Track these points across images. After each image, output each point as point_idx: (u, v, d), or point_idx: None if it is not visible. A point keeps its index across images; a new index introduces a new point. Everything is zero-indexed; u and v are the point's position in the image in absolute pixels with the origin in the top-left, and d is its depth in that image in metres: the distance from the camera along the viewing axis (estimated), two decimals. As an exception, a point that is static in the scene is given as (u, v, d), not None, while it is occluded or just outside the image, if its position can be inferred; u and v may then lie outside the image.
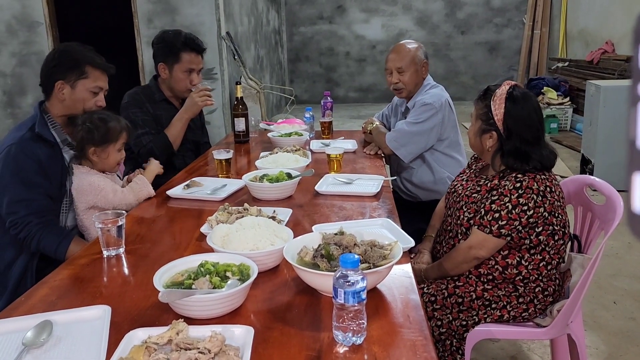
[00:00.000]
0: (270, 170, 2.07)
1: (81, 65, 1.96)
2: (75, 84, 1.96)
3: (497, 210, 1.64)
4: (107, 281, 1.36)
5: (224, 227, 1.41)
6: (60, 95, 1.96)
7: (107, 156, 1.93)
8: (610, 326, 2.51)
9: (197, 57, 2.66)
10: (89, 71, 1.98)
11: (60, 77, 1.95)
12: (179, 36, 2.62)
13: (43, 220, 1.83)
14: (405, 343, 1.02)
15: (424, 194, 2.62)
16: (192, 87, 2.64)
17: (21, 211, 1.81)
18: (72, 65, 1.95)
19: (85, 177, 1.89)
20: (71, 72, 1.95)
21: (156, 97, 2.66)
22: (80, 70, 1.96)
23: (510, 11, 9.49)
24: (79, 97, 1.97)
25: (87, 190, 1.87)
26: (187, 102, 2.61)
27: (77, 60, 1.96)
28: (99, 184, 1.88)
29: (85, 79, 1.97)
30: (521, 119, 1.67)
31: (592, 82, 4.72)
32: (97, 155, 1.91)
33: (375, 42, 10.01)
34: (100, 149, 1.91)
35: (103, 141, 1.90)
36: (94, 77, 1.99)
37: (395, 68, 2.56)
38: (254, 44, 7.54)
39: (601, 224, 1.77)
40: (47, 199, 1.86)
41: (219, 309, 1.11)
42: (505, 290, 1.72)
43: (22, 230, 1.81)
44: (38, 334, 1.04)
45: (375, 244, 1.29)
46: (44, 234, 1.81)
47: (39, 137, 1.88)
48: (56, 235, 1.83)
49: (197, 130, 2.85)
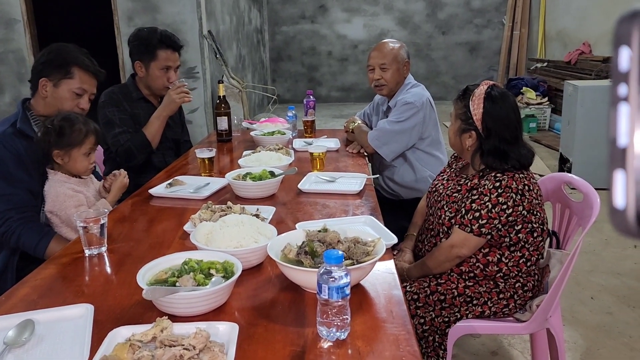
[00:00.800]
0: (253, 168, 2.07)
1: (68, 65, 1.97)
2: (58, 83, 1.96)
3: (477, 209, 1.67)
4: (89, 280, 1.35)
5: (207, 225, 1.41)
6: (43, 92, 1.96)
7: (70, 160, 1.85)
8: (587, 321, 2.56)
9: (174, 54, 2.63)
10: (75, 72, 1.98)
11: (45, 75, 1.95)
12: (155, 33, 2.60)
13: (23, 216, 1.81)
14: (388, 337, 1.04)
15: (405, 192, 2.64)
16: (170, 85, 2.61)
17: (1, 206, 1.79)
18: (59, 64, 1.96)
19: (54, 186, 1.84)
20: (57, 70, 1.95)
21: (134, 95, 2.63)
22: (66, 70, 1.96)
23: (490, 12, 9.60)
24: (60, 96, 1.97)
25: (53, 199, 1.83)
26: (165, 100, 2.58)
27: (64, 60, 1.96)
28: (65, 198, 1.82)
29: (69, 79, 1.97)
30: (499, 118, 1.70)
31: (569, 83, 4.81)
32: (60, 158, 1.85)
33: (357, 41, 10.04)
34: (63, 151, 1.84)
35: (65, 144, 1.83)
36: (80, 79, 1.99)
37: (378, 65, 2.58)
38: (236, 43, 7.51)
39: (579, 220, 1.81)
40: (28, 194, 1.84)
41: (203, 306, 1.11)
42: (486, 287, 1.75)
43: (1, 225, 1.78)
44: (20, 333, 1.03)
45: (358, 240, 1.30)
46: (24, 230, 1.79)
47: (21, 133, 1.88)
48: (36, 232, 1.80)
49: (176, 129, 2.83)
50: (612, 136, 0.30)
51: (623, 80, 0.29)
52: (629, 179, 0.29)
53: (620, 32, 0.29)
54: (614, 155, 0.29)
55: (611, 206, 0.30)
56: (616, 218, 0.30)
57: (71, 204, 1.83)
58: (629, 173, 0.29)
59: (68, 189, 1.85)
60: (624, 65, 0.29)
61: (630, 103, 0.29)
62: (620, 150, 0.29)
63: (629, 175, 0.29)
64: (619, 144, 0.29)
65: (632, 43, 0.28)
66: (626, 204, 0.29)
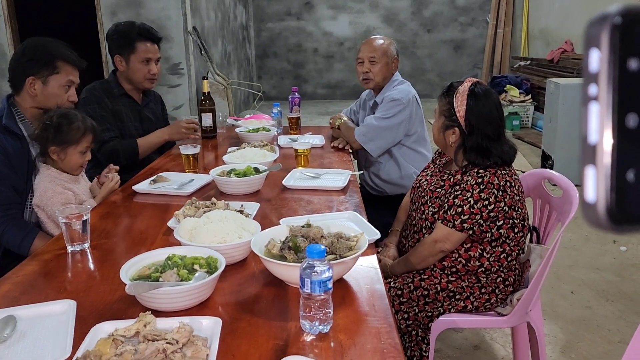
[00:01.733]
0: (238, 165, 2.07)
1: (53, 61, 1.93)
2: (47, 80, 1.93)
3: (459, 205, 1.69)
4: (72, 276, 1.34)
5: (191, 221, 1.41)
6: (31, 91, 1.92)
7: (66, 157, 1.86)
8: (567, 315, 2.60)
9: (153, 46, 2.63)
10: (61, 66, 1.95)
11: (31, 73, 1.91)
12: (133, 26, 2.60)
13: (8, 213, 1.80)
14: (370, 330, 1.05)
15: (390, 188, 2.66)
16: (151, 76, 2.61)
17: None
18: (45, 61, 1.92)
19: (44, 181, 1.84)
20: (44, 68, 1.92)
21: (115, 91, 2.61)
22: (53, 66, 1.93)
23: (475, 10, 9.67)
24: (51, 92, 1.94)
25: (41, 193, 1.83)
26: (173, 126, 2.64)
27: (49, 56, 1.93)
28: (52, 194, 1.82)
29: (57, 74, 1.94)
30: (482, 115, 1.72)
31: (552, 80, 4.87)
32: (56, 155, 1.86)
33: (343, 39, 10.05)
34: (59, 148, 1.85)
35: (62, 141, 1.85)
36: (66, 72, 1.97)
37: (368, 58, 2.60)
38: (221, 40, 7.47)
39: (558, 215, 1.84)
40: (12, 191, 1.82)
41: (187, 301, 1.12)
42: (468, 282, 1.77)
43: None
44: (1, 329, 1.02)
45: (341, 235, 1.31)
46: (8, 227, 1.78)
47: (6, 130, 1.86)
48: (20, 230, 1.79)
49: (160, 125, 2.81)
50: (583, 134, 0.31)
51: (593, 80, 0.31)
52: (599, 175, 0.30)
53: (591, 35, 0.31)
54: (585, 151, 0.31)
55: (583, 200, 0.32)
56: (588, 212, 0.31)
57: (58, 200, 1.81)
58: (598, 169, 0.30)
59: (58, 185, 1.84)
60: (593, 66, 0.31)
61: (600, 102, 0.30)
62: (590, 147, 0.30)
63: (599, 171, 0.30)
64: (589, 141, 0.31)
65: (601, 45, 0.30)
66: (596, 198, 0.30)
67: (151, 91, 2.84)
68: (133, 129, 2.62)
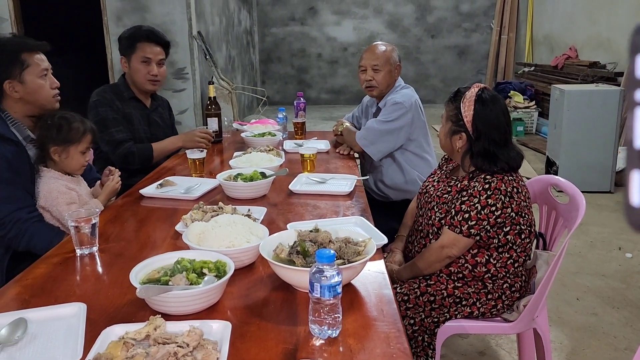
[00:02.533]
0: (244, 169, 2.08)
1: (18, 56, 1.86)
2: (22, 78, 1.87)
3: (466, 210, 1.69)
4: (81, 279, 1.35)
5: (199, 225, 1.42)
6: (14, 94, 1.87)
7: (67, 157, 1.88)
8: (573, 321, 2.60)
9: (155, 47, 2.64)
10: (27, 58, 1.88)
11: (5, 77, 1.86)
12: (139, 29, 2.63)
13: (32, 216, 1.79)
14: (379, 335, 1.05)
15: (395, 194, 2.66)
16: (152, 77, 2.62)
17: (5, 208, 1.75)
18: (10, 60, 1.85)
19: (47, 182, 1.86)
20: (13, 67, 1.86)
21: (125, 95, 2.64)
22: (20, 62, 1.86)
23: (479, 16, 9.69)
24: (34, 87, 1.88)
25: (45, 194, 1.84)
26: (188, 134, 2.70)
27: (12, 53, 1.86)
28: (57, 194, 1.83)
29: (28, 67, 1.87)
30: (489, 120, 1.73)
31: (556, 87, 4.87)
32: (58, 155, 1.87)
33: (346, 44, 10.08)
34: (60, 148, 1.87)
35: (64, 141, 1.87)
36: (35, 62, 1.89)
37: (370, 65, 2.61)
38: (226, 44, 7.51)
39: (565, 222, 1.84)
40: (26, 193, 1.82)
41: (196, 305, 1.12)
42: (474, 288, 1.77)
43: (11, 229, 1.75)
44: (12, 331, 1.03)
45: (349, 240, 1.32)
46: (35, 231, 1.77)
47: (1, 137, 1.82)
48: (47, 233, 1.79)
49: (167, 130, 2.83)
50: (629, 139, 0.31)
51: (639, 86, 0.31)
52: None
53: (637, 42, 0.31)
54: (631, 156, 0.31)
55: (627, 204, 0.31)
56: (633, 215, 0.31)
57: (63, 200, 1.83)
58: None
59: (61, 185, 1.86)
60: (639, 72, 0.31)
61: None
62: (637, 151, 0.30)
63: None
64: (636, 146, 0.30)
65: None
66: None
67: (159, 96, 2.87)
68: (142, 132, 2.64)
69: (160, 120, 2.77)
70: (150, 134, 2.68)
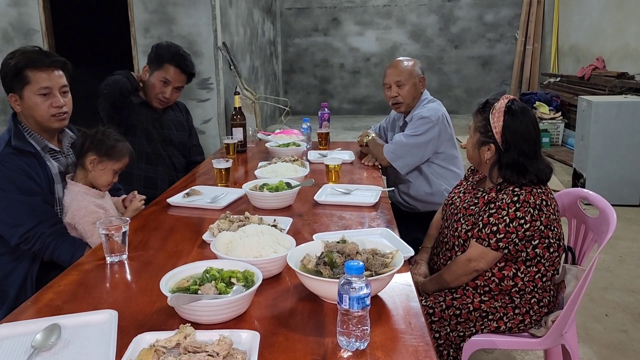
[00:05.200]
0: (270, 179, 2.09)
1: (22, 72, 1.83)
2: (22, 93, 1.85)
3: (495, 223, 1.68)
4: (111, 287, 1.37)
5: (227, 235, 1.43)
6: (17, 107, 1.88)
7: (103, 169, 1.92)
8: (602, 338, 2.54)
9: (180, 75, 2.69)
10: (29, 75, 1.84)
11: (9, 90, 1.86)
12: (171, 48, 2.68)
13: (55, 229, 1.83)
14: (407, 349, 1.05)
15: (421, 205, 2.65)
16: (163, 98, 2.67)
17: (28, 222, 1.78)
18: (14, 75, 1.84)
19: (76, 198, 1.87)
20: (16, 82, 1.84)
21: (134, 100, 2.68)
22: (22, 77, 1.84)
23: (503, 26, 9.63)
24: (30, 104, 1.86)
25: (73, 212, 1.86)
26: None
27: (17, 69, 1.84)
28: (85, 212, 1.85)
29: (28, 84, 1.84)
30: (519, 132, 1.71)
31: (584, 98, 4.80)
32: (93, 165, 1.90)
33: (369, 54, 10.11)
34: (98, 159, 1.91)
35: (105, 154, 1.91)
36: (36, 80, 1.84)
37: (394, 82, 2.61)
38: (249, 55, 7.59)
39: (594, 236, 1.81)
40: (47, 205, 1.86)
41: (225, 314, 1.13)
42: (501, 302, 1.75)
43: (35, 243, 1.79)
44: (47, 336, 1.05)
45: (376, 252, 1.31)
46: (58, 243, 1.81)
47: (18, 150, 1.82)
48: (70, 245, 1.82)
49: (181, 133, 2.85)
50: None
51: None
52: None
53: None
54: None
55: None
56: None
57: (90, 219, 1.85)
58: None
59: (90, 203, 1.88)
60: None
61: None
62: None
63: None
64: None
65: None
66: None
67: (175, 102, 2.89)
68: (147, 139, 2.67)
69: (174, 122, 2.80)
70: (164, 135, 2.73)
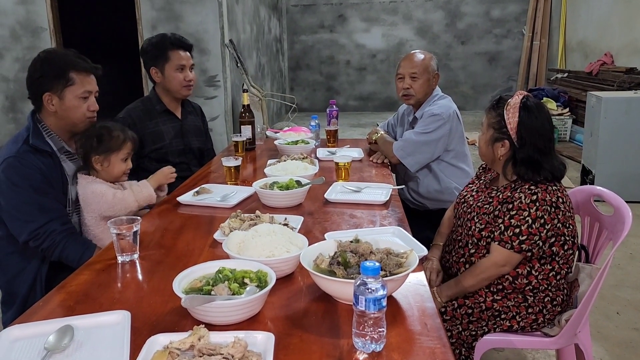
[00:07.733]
0: (280, 177, 2.08)
1: (65, 73, 1.86)
2: (62, 94, 1.87)
3: (516, 225, 1.65)
4: (123, 287, 1.36)
5: (239, 234, 1.42)
6: (50, 107, 1.88)
7: (109, 165, 1.93)
8: (614, 336, 2.52)
9: (186, 54, 2.66)
10: (74, 77, 1.88)
11: (46, 89, 1.86)
12: (165, 37, 2.65)
13: (65, 228, 1.83)
14: (424, 350, 1.03)
15: (430, 203, 2.63)
16: (187, 83, 2.64)
17: (40, 218, 1.79)
18: (57, 75, 1.86)
19: (87, 186, 1.90)
20: (57, 81, 1.86)
21: (157, 108, 2.65)
22: (66, 78, 1.86)
23: (510, 22, 9.57)
24: (69, 105, 1.89)
25: (90, 198, 1.88)
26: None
27: (60, 68, 1.86)
28: (100, 190, 1.89)
29: (71, 86, 1.87)
30: (535, 128, 1.69)
31: (592, 94, 4.76)
32: (100, 164, 1.92)
33: (375, 51, 10.07)
34: (102, 157, 1.91)
35: (105, 150, 1.91)
36: (81, 82, 1.89)
37: (409, 74, 2.58)
38: (256, 52, 7.57)
39: (609, 234, 1.78)
40: (60, 205, 1.86)
41: (239, 315, 1.12)
42: (514, 301, 1.73)
43: (44, 240, 1.79)
44: (60, 338, 1.05)
45: (390, 252, 1.30)
46: (68, 243, 1.81)
47: (35, 149, 1.83)
48: (80, 245, 1.82)
49: (202, 137, 2.85)
50: None
51: None
52: None
53: None
54: None
55: None
56: None
57: (109, 193, 1.89)
58: None
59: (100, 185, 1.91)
60: None
61: None
62: None
63: None
64: None
65: None
66: None
67: (191, 103, 2.89)
68: (175, 145, 2.66)
69: (193, 129, 2.79)
70: (184, 145, 2.70)
